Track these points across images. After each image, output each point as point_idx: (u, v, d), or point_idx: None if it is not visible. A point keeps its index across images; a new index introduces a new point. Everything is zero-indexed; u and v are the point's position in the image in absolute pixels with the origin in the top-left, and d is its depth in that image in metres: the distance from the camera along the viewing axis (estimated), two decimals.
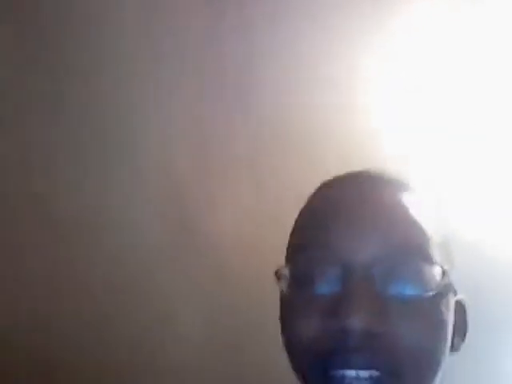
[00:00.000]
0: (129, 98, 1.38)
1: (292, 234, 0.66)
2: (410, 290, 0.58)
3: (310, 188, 1.43)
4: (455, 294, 0.63)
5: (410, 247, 0.58)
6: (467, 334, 0.66)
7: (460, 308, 0.65)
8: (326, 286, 0.58)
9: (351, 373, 0.56)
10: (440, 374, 0.60)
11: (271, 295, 1.44)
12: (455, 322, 0.62)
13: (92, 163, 1.44)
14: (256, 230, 1.45)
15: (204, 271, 1.50)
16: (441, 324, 0.59)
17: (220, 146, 1.42)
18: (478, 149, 1.39)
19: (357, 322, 0.54)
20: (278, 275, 0.63)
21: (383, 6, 1.24)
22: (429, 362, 0.59)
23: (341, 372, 0.56)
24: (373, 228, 0.58)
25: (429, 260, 0.59)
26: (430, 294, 0.58)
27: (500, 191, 1.42)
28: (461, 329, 0.65)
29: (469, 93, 1.34)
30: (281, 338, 0.63)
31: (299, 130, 1.38)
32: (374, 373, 0.56)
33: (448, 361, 0.61)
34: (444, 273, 0.59)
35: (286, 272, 0.62)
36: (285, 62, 1.33)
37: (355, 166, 1.31)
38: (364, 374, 0.56)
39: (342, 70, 1.32)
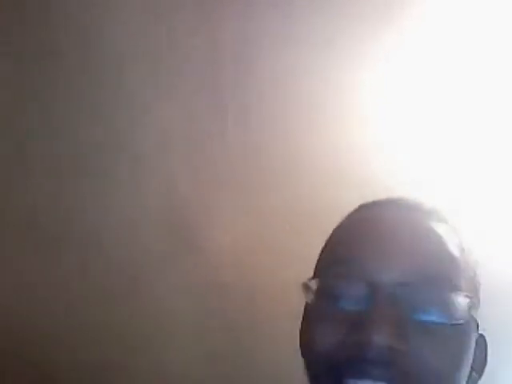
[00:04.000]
0: (129, 103, 1.39)
1: (324, 249, 0.68)
2: (432, 317, 0.59)
3: (308, 198, 1.43)
4: (478, 328, 0.64)
5: (437, 274, 0.60)
6: None
7: (481, 343, 0.66)
8: (351, 302, 0.60)
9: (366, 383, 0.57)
10: None
11: (265, 308, 1.45)
12: (475, 355, 0.63)
13: (90, 171, 1.45)
14: (252, 239, 1.45)
15: (202, 282, 1.50)
16: (460, 355, 0.60)
17: (221, 160, 1.43)
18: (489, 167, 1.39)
19: (379, 338, 0.56)
20: (305, 286, 0.65)
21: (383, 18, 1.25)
22: None
23: (355, 382, 0.57)
24: (402, 251, 0.60)
25: (455, 290, 0.60)
26: (453, 323, 0.59)
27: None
28: (479, 364, 0.66)
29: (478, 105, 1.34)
30: (299, 346, 0.65)
31: (298, 140, 1.38)
32: None
33: None
34: (469, 305, 0.60)
35: (313, 284, 0.64)
36: (284, 68, 1.34)
37: (351, 184, 1.31)
38: None
39: (343, 81, 1.32)
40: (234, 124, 1.39)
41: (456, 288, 0.60)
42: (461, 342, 0.60)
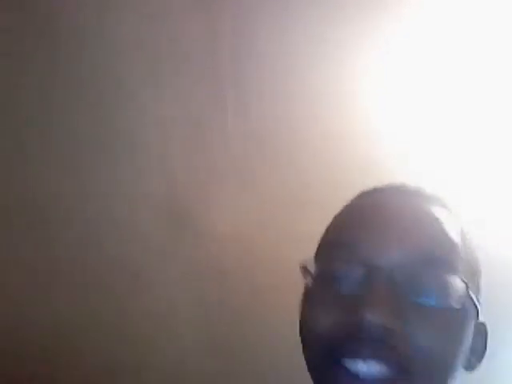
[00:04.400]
0: (128, 96, 1.39)
1: (324, 234, 0.69)
2: (429, 300, 0.60)
3: (307, 187, 1.44)
4: (478, 314, 0.64)
5: (436, 258, 0.61)
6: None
7: (481, 330, 0.66)
8: (349, 285, 0.61)
9: (361, 365, 0.58)
10: None
11: (266, 292, 1.45)
12: (474, 342, 0.64)
13: (90, 161, 1.46)
14: (253, 228, 1.47)
15: (201, 269, 1.51)
16: (456, 339, 0.61)
17: (218, 146, 1.44)
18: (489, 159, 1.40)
19: (374, 315, 0.57)
20: (304, 268, 0.66)
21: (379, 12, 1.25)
22: (439, 369, 0.60)
23: (353, 361, 0.58)
24: (400, 234, 0.61)
25: (453, 274, 0.61)
26: (450, 307, 0.60)
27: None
28: (479, 350, 0.66)
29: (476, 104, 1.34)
30: (298, 328, 0.66)
31: (297, 130, 1.39)
32: (384, 368, 0.58)
33: (461, 378, 0.63)
34: (467, 289, 0.61)
35: (312, 267, 0.65)
36: (283, 59, 1.34)
37: (350, 169, 1.32)
38: (374, 367, 0.58)
39: (339, 72, 1.33)
40: (233, 112, 1.40)
41: (454, 272, 0.61)
42: (457, 326, 0.61)
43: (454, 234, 0.63)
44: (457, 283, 0.61)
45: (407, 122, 1.38)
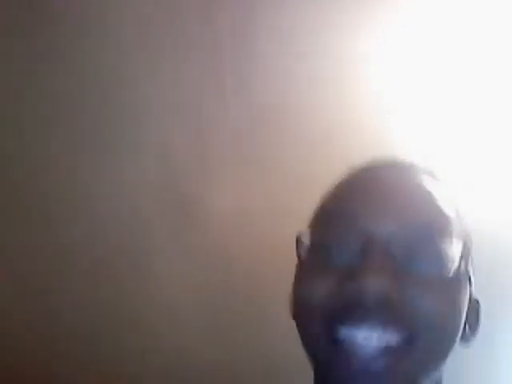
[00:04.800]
0: (128, 82, 1.39)
1: (321, 205, 0.69)
2: (426, 268, 0.60)
3: (310, 163, 1.43)
4: (470, 282, 0.65)
5: (430, 226, 0.61)
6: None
7: (475, 306, 0.67)
8: (345, 256, 0.60)
9: (363, 335, 0.57)
10: (448, 358, 0.62)
11: (271, 275, 1.45)
12: (469, 315, 0.65)
13: (90, 146, 1.45)
14: (255, 212, 1.46)
15: (203, 253, 1.51)
16: (455, 304, 0.61)
17: (219, 128, 1.43)
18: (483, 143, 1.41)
19: (374, 284, 0.56)
20: (298, 241, 0.66)
21: None
22: (442, 337, 0.60)
23: (351, 330, 0.58)
24: (395, 204, 0.62)
25: (448, 244, 0.61)
26: (446, 275, 0.60)
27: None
28: (473, 324, 0.67)
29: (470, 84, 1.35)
30: (290, 305, 0.66)
31: (299, 111, 1.39)
32: (386, 337, 0.57)
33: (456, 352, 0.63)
34: (461, 258, 0.62)
35: (307, 238, 0.65)
36: (283, 48, 1.34)
37: (354, 144, 1.32)
38: (376, 336, 0.57)
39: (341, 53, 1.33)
40: (233, 92, 1.40)
41: (449, 243, 0.61)
42: (454, 295, 0.61)
43: (448, 207, 0.64)
44: (452, 253, 0.61)
45: (406, 103, 1.39)
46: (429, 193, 0.64)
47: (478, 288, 0.68)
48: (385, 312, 0.57)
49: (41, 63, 1.38)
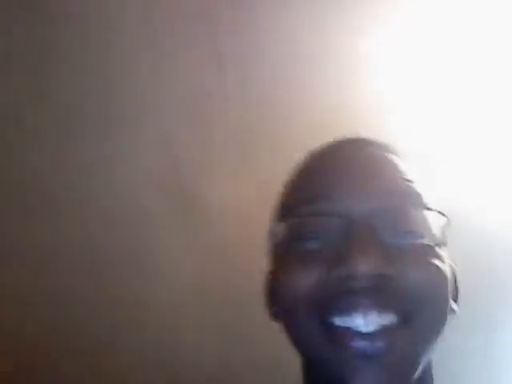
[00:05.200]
0: (130, 73, 1.38)
1: (288, 190, 0.67)
2: (410, 239, 0.59)
3: None
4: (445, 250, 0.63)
5: (409, 198, 0.60)
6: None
7: (452, 272, 0.65)
8: (326, 239, 0.58)
9: (359, 319, 0.55)
10: (443, 333, 0.60)
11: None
12: (451, 283, 0.62)
13: (91, 136, 1.45)
14: (255, 203, 1.43)
15: (203, 244, 1.50)
16: (442, 273, 0.59)
17: (219, 120, 1.42)
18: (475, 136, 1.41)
19: (365, 265, 0.54)
20: (271, 233, 0.64)
21: None
22: (435, 309, 0.59)
23: (342, 319, 0.56)
24: (371, 180, 0.60)
25: (424, 210, 0.60)
26: (430, 241, 0.60)
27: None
28: (454, 292, 0.65)
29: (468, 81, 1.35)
30: (270, 307, 0.64)
31: (298, 106, 1.39)
32: (383, 319, 0.56)
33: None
34: (443, 222, 0.61)
35: (281, 227, 0.62)
36: (283, 40, 1.34)
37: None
38: (373, 319, 0.55)
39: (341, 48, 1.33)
40: (233, 82, 1.39)
41: (424, 208, 0.60)
42: (440, 262, 0.59)
43: (412, 176, 0.63)
44: (431, 221, 0.60)
45: (405, 94, 1.39)
46: (397, 166, 0.63)
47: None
48: (378, 295, 0.55)
49: (41, 63, 1.38)
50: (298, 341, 0.61)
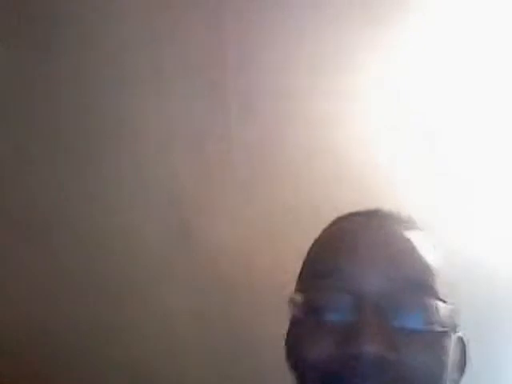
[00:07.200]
0: (129, 101, 1.38)
1: (306, 262, 0.69)
2: (414, 324, 0.61)
3: (310, 202, 1.43)
4: (456, 329, 0.66)
5: (420, 283, 0.62)
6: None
7: (459, 344, 0.67)
8: (337, 314, 0.61)
9: None
10: None
11: (267, 304, 1.45)
12: (454, 355, 0.65)
13: (92, 169, 1.46)
14: (255, 240, 1.47)
15: (202, 279, 1.52)
16: (444, 357, 0.62)
17: (220, 156, 1.44)
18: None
19: (371, 349, 0.57)
20: (291, 301, 0.66)
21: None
22: None
23: None
24: (384, 260, 0.62)
25: (434, 295, 0.62)
26: (433, 328, 0.61)
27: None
28: (461, 364, 0.68)
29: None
30: (286, 359, 0.66)
31: (300, 145, 1.40)
32: None
33: None
34: (448, 309, 0.63)
35: (299, 299, 0.65)
36: (284, 65, 1.34)
37: (351, 179, 1.32)
38: None
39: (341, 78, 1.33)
40: (235, 121, 1.40)
41: (435, 295, 0.62)
42: (442, 346, 0.62)
43: (432, 258, 0.65)
44: (438, 306, 0.62)
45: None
46: (413, 245, 0.64)
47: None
48: (381, 376, 0.58)
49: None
50: None
